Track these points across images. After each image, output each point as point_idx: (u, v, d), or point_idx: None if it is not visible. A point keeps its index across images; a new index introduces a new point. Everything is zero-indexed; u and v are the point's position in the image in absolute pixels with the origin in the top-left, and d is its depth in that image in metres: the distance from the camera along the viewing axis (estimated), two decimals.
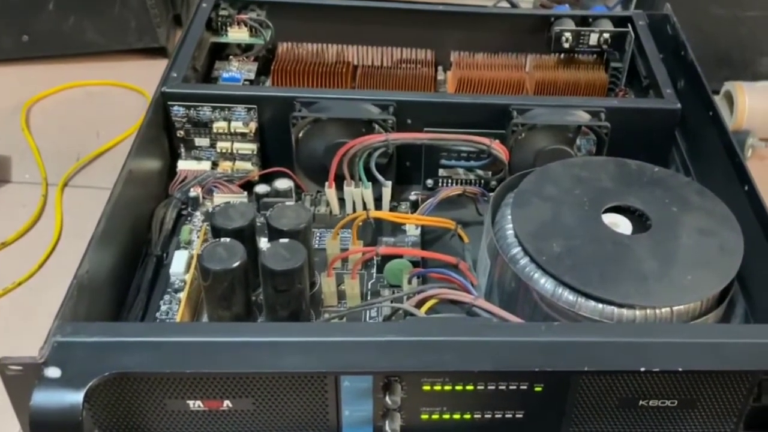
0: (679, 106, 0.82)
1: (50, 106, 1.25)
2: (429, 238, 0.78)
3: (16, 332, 0.90)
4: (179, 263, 0.73)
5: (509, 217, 0.70)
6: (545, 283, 0.65)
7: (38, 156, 1.15)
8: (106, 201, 0.69)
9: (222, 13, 0.92)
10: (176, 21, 1.38)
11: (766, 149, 1.12)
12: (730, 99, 1.18)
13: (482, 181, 0.83)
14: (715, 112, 0.80)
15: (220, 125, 0.80)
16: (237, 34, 0.93)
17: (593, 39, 0.92)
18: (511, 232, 0.69)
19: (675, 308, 0.64)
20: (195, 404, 0.57)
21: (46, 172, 1.12)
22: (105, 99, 1.27)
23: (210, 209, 0.80)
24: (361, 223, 0.75)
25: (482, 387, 0.58)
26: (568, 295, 0.65)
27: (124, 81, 1.29)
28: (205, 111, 0.80)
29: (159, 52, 1.32)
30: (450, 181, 0.84)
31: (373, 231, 0.78)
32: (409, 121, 0.80)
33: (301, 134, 0.80)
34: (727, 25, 1.19)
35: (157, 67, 1.32)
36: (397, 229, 0.78)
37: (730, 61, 1.20)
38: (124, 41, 1.30)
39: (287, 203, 0.71)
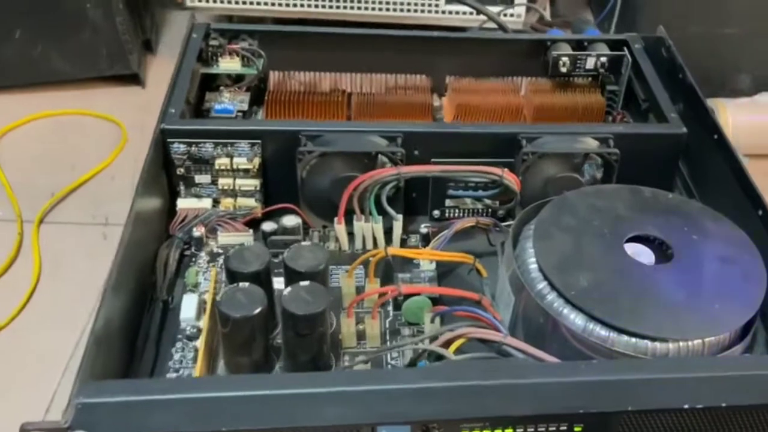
0: (685, 130, 0.82)
1: (20, 139, 1.20)
2: (443, 271, 0.76)
3: (4, 379, 0.86)
4: (189, 308, 0.70)
5: (531, 250, 0.69)
6: (575, 319, 0.64)
7: (10, 192, 1.10)
8: (87, 235, 0.66)
9: (212, 43, 0.89)
10: (146, 46, 1.34)
11: (749, 165, 1.13)
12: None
13: (490, 211, 0.82)
14: (721, 135, 0.80)
15: (222, 162, 0.78)
16: (228, 65, 0.90)
17: (590, 63, 0.92)
18: (534, 266, 0.68)
19: (707, 340, 0.63)
20: None
21: (20, 208, 1.07)
22: (77, 129, 1.22)
23: (215, 249, 0.77)
24: (378, 261, 0.72)
25: (522, 430, 0.57)
26: (600, 330, 0.64)
27: (96, 110, 1.24)
28: (207, 147, 0.77)
29: (131, 79, 1.28)
30: (457, 211, 0.82)
31: (386, 266, 0.76)
32: (416, 152, 0.79)
33: (307, 169, 0.77)
34: (705, 42, 1.20)
35: (130, 94, 1.29)
36: (409, 263, 0.76)
37: (708, 78, 1.21)
38: (95, 68, 1.25)
39: (303, 243, 0.69)
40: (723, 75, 1.23)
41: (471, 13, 1.21)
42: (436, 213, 0.83)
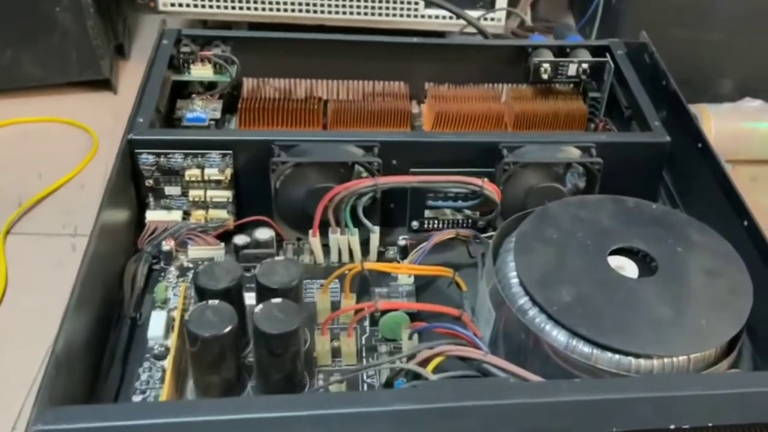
0: (668, 139, 0.80)
1: None
2: (421, 284, 0.74)
3: None
4: (157, 326, 0.67)
5: (512, 264, 0.67)
6: (558, 335, 0.62)
7: None
8: (55, 245, 0.64)
9: (184, 49, 0.86)
10: (118, 51, 1.31)
11: (733, 171, 1.12)
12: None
13: (470, 222, 0.80)
14: (705, 144, 0.79)
15: (192, 173, 0.75)
16: (200, 72, 0.87)
17: (572, 69, 0.90)
18: (515, 280, 0.66)
19: (692, 356, 0.62)
20: None
21: None
22: (45, 137, 1.19)
23: (185, 263, 0.74)
24: (353, 276, 0.70)
25: None
26: (583, 347, 0.61)
27: (66, 117, 1.21)
28: (177, 158, 0.74)
29: (102, 84, 1.25)
30: (437, 222, 0.80)
31: (362, 280, 0.73)
32: (394, 162, 0.76)
33: (280, 180, 0.75)
34: (688, 47, 1.19)
35: (102, 100, 1.26)
36: (387, 276, 0.74)
37: (691, 83, 1.20)
38: (66, 74, 1.22)
39: (276, 258, 0.66)
40: (706, 80, 1.22)
41: (451, 18, 1.19)
42: (415, 224, 0.80)
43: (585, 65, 0.90)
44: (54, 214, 1.06)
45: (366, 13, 1.17)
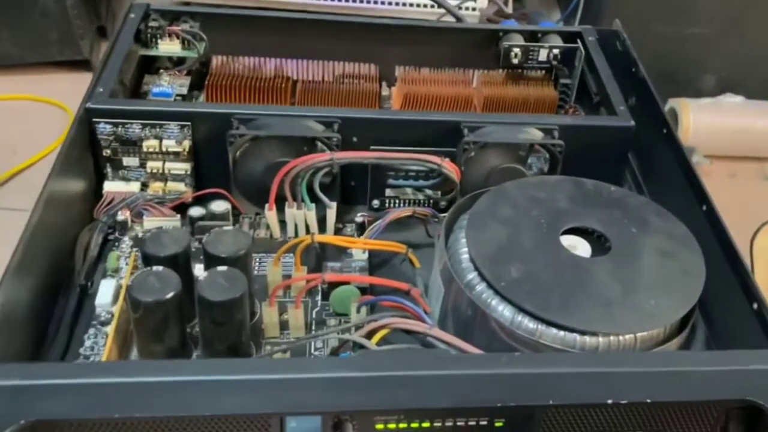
0: (633, 123, 0.79)
1: None
2: (377, 261, 0.74)
3: None
4: (106, 294, 0.67)
5: (463, 240, 0.66)
6: (504, 311, 0.62)
7: None
8: (23, 223, 0.63)
9: (152, 24, 0.86)
10: (101, 32, 1.31)
11: (710, 166, 1.11)
12: (674, 116, 1.17)
13: (431, 201, 0.79)
14: (669, 130, 0.78)
15: (150, 144, 0.75)
16: (168, 47, 0.87)
17: (543, 54, 0.89)
18: (466, 256, 0.65)
19: (639, 335, 0.61)
20: None
21: None
22: (22, 114, 1.19)
23: (139, 234, 0.74)
24: (304, 248, 0.70)
25: (439, 424, 0.54)
26: (528, 323, 0.61)
27: (44, 95, 1.21)
28: (135, 128, 0.74)
29: (82, 65, 1.25)
30: (398, 201, 0.79)
31: (318, 255, 0.73)
32: (354, 139, 0.76)
33: (238, 153, 0.74)
34: (671, 41, 1.18)
35: (80, 80, 1.25)
36: (342, 252, 0.73)
37: (673, 78, 1.20)
38: (44, 53, 1.22)
39: (225, 228, 0.66)
40: (688, 75, 1.21)
41: (433, 7, 1.18)
42: (376, 203, 0.80)
43: (556, 51, 0.89)
44: (26, 191, 1.05)
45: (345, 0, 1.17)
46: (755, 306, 0.62)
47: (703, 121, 1.14)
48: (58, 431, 0.50)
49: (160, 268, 0.61)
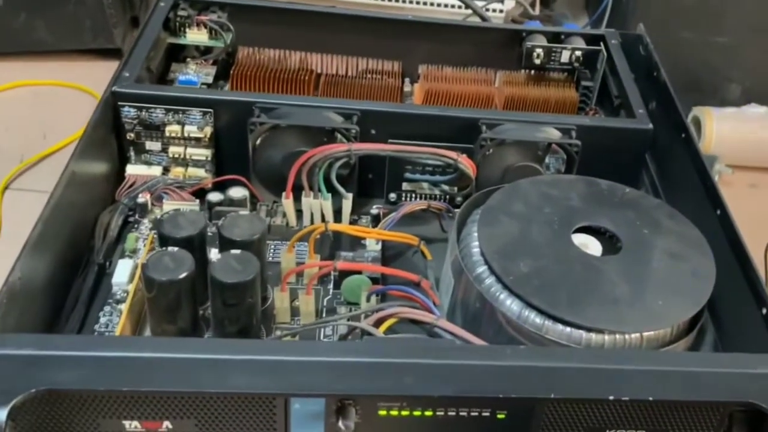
0: (651, 126, 0.79)
1: None
2: (390, 254, 0.74)
3: None
4: (122, 273, 0.68)
5: (475, 234, 0.67)
6: (511, 305, 0.62)
7: None
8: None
9: (181, 13, 0.88)
10: (134, 23, 1.33)
11: (732, 175, 1.11)
12: (697, 124, 1.17)
13: (447, 197, 0.80)
14: (688, 134, 0.78)
15: (173, 129, 0.76)
16: (196, 36, 0.88)
17: (565, 56, 0.90)
18: (477, 250, 0.66)
19: (645, 334, 0.61)
20: (132, 425, 0.53)
21: None
22: (54, 100, 1.21)
23: (159, 217, 0.75)
24: (318, 236, 0.71)
25: (442, 413, 0.55)
26: (535, 318, 0.61)
27: (76, 82, 1.23)
28: (158, 113, 0.76)
29: (114, 53, 1.27)
30: (414, 195, 0.80)
31: (331, 245, 0.74)
32: (373, 132, 0.77)
33: (258, 141, 0.75)
34: (697, 49, 1.18)
35: (112, 68, 1.27)
36: (356, 243, 0.74)
37: (698, 86, 1.19)
38: (78, 41, 1.25)
39: (241, 212, 0.67)
40: (713, 83, 1.21)
41: (460, 7, 1.19)
42: (392, 196, 0.81)
43: (578, 53, 0.90)
44: (54, 173, 1.07)
45: None
46: (765, 311, 0.62)
47: (726, 131, 1.13)
48: (69, 401, 0.52)
49: (175, 249, 0.62)
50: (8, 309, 0.57)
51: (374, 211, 0.78)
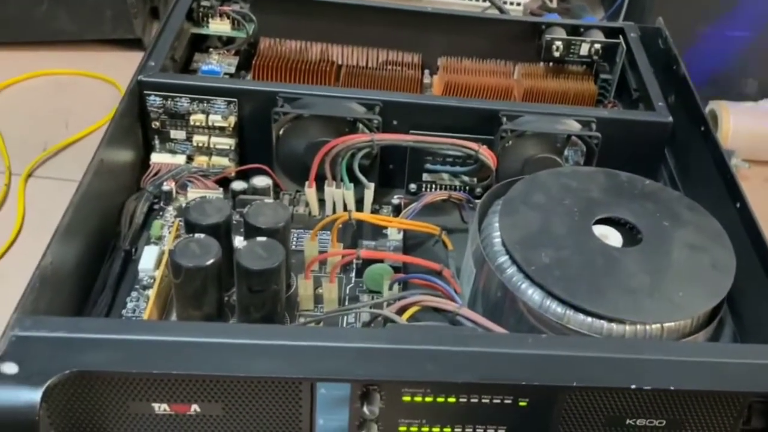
0: (670, 119, 0.80)
1: (17, 94, 1.21)
2: (411, 243, 0.75)
3: None
4: (149, 259, 0.70)
5: (497, 224, 0.68)
6: (533, 294, 0.63)
7: (2, 144, 1.10)
8: (72, 193, 0.66)
9: (204, 3, 0.89)
10: (153, 14, 1.34)
11: (749, 170, 1.11)
12: (714, 118, 1.17)
13: (467, 188, 0.81)
14: (707, 127, 0.79)
15: (197, 118, 0.77)
16: (218, 26, 0.89)
17: (584, 49, 0.90)
18: (498, 239, 0.67)
19: (666, 325, 0.62)
20: (161, 407, 0.54)
21: (9, 161, 1.08)
22: (75, 89, 1.23)
23: (183, 204, 0.76)
24: (341, 225, 0.72)
25: (465, 400, 0.56)
26: (557, 307, 0.62)
27: (96, 71, 1.25)
28: (183, 102, 0.77)
29: (134, 43, 1.28)
30: (434, 186, 0.81)
31: (354, 234, 0.75)
32: (395, 122, 0.78)
33: (282, 131, 0.76)
34: (715, 44, 1.18)
35: (132, 58, 1.28)
36: (378, 233, 0.75)
37: (716, 80, 1.19)
38: (98, 31, 1.26)
39: (266, 200, 0.68)
40: (730, 78, 1.21)
41: (478, 0, 1.20)
42: (413, 187, 0.81)
43: (597, 45, 0.90)
44: (76, 162, 1.09)
45: None
46: None
47: (743, 125, 1.14)
48: (100, 383, 0.53)
49: (202, 235, 0.63)
50: (40, 293, 0.58)
51: (395, 201, 0.79)
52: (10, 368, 0.50)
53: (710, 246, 0.68)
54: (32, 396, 0.48)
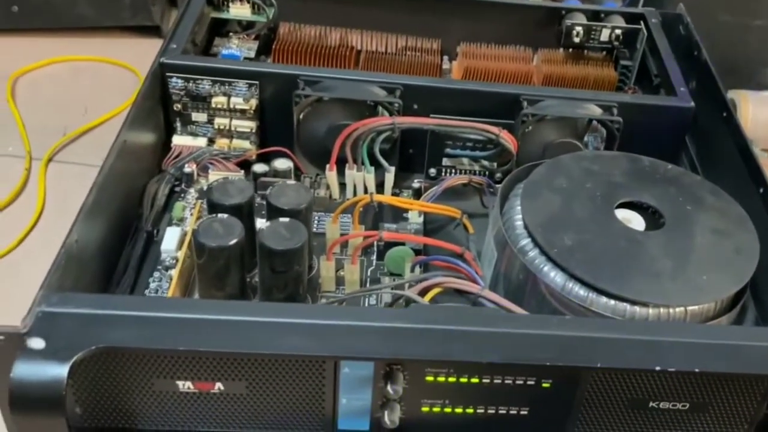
0: (692, 104, 0.80)
1: (38, 80, 1.22)
2: (432, 227, 0.75)
3: None
4: (171, 240, 0.70)
5: (518, 207, 0.68)
6: (555, 277, 0.63)
7: (23, 129, 1.11)
8: (94, 176, 0.66)
9: None
10: (171, 1, 1.34)
11: (767, 159, 1.10)
12: (733, 107, 1.16)
13: (487, 172, 0.81)
14: (729, 113, 0.78)
15: (219, 100, 0.77)
16: (239, 11, 0.90)
17: (605, 35, 0.90)
18: (520, 223, 0.67)
19: (689, 308, 0.62)
20: (185, 385, 0.54)
21: (30, 145, 1.08)
22: (94, 75, 1.23)
23: (204, 187, 0.77)
24: (362, 208, 0.72)
25: (488, 380, 0.56)
26: (579, 290, 0.62)
27: (115, 58, 1.25)
28: (205, 85, 0.77)
29: (152, 30, 1.29)
30: (454, 171, 0.81)
31: (375, 217, 0.75)
32: (415, 106, 0.78)
33: (303, 114, 0.77)
34: (734, 32, 1.17)
35: (150, 45, 1.29)
36: (399, 216, 0.75)
37: (735, 69, 1.19)
38: (117, 17, 1.26)
39: (288, 182, 0.68)
40: (750, 67, 1.20)
41: None
42: (433, 171, 0.81)
43: (618, 31, 0.90)
44: (95, 147, 1.10)
45: None
46: None
47: (763, 114, 1.13)
48: (125, 360, 0.53)
49: (225, 215, 0.63)
50: (66, 270, 0.58)
51: (416, 185, 0.79)
52: (38, 343, 0.50)
53: (734, 230, 0.67)
54: (59, 371, 0.49)
